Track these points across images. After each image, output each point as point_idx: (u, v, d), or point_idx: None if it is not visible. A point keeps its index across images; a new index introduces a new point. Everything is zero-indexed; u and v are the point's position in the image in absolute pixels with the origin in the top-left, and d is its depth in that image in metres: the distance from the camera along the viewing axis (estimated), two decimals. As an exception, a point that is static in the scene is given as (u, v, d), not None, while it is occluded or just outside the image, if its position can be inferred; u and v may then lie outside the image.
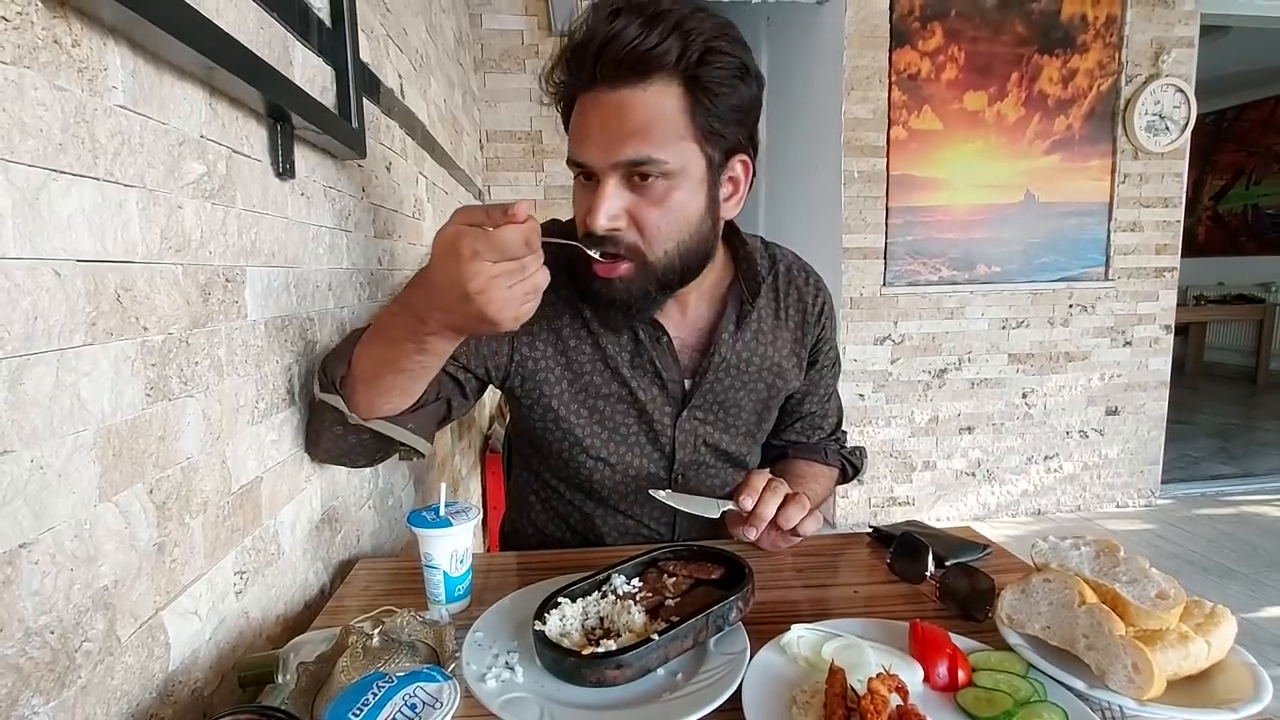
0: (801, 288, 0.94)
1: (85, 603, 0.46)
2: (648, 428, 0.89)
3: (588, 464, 0.90)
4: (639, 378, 0.85)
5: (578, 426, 0.88)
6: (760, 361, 0.90)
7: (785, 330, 0.91)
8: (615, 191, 0.72)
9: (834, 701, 0.53)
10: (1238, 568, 2.57)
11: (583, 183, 0.76)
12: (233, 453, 0.65)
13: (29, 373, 0.41)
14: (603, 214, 0.71)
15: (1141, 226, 3.07)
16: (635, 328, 0.83)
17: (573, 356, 0.86)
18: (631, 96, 0.69)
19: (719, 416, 0.90)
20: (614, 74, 0.68)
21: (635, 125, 0.69)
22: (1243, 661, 0.60)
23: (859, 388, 2.95)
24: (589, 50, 0.68)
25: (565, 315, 0.86)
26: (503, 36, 2.74)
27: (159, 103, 0.54)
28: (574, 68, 0.72)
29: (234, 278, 0.66)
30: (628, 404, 0.87)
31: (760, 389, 0.91)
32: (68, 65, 0.44)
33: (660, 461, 0.91)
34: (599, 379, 0.86)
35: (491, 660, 0.63)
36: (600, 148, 0.71)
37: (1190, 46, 2.99)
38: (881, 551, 0.89)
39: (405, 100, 1.43)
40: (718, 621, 0.64)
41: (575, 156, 0.74)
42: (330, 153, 0.92)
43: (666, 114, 0.70)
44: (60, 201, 0.44)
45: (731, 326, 0.87)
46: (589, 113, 0.72)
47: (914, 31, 2.79)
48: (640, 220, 0.73)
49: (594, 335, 0.85)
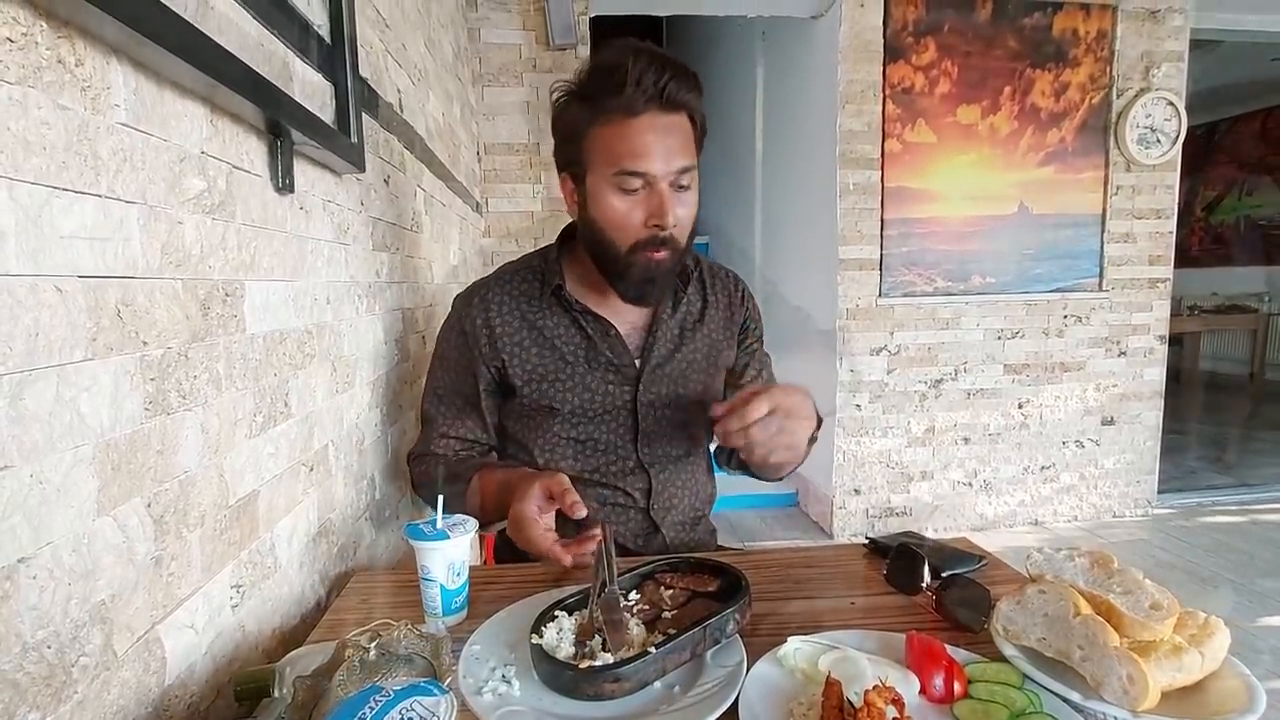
0: (723, 279, 1.11)
1: (82, 617, 0.46)
2: (612, 405, 1.01)
3: (563, 443, 1.01)
4: (597, 368, 1.00)
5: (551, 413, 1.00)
6: (696, 335, 1.05)
7: (715, 310, 1.08)
8: (671, 196, 0.89)
9: (830, 714, 0.53)
10: (1234, 577, 2.57)
11: (627, 191, 0.89)
12: (230, 466, 0.65)
13: (30, 388, 0.41)
14: (672, 215, 0.88)
15: (1134, 237, 3.10)
16: (586, 328, 0.99)
17: (546, 355, 1.00)
18: (679, 121, 0.89)
19: (669, 388, 1.03)
20: (669, 105, 0.87)
21: (680, 142, 0.89)
22: (1236, 673, 0.60)
23: (855, 398, 2.96)
24: (650, 87, 0.85)
25: (542, 324, 1.00)
26: (501, 50, 2.76)
27: (160, 120, 0.55)
28: (636, 99, 0.85)
29: (233, 292, 0.67)
30: (592, 391, 1.00)
31: (700, 360, 1.05)
32: (71, 84, 0.45)
33: (627, 436, 1.02)
34: (564, 373, 0.99)
35: (488, 674, 0.63)
36: (662, 160, 0.87)
37: (1180, 61, 3.03)
38: (878, 562, 0.90)
39: (404, 114, 1.44)
40: (715, 634, 0.64)
41: (634, 168, 0.87)
42: (329, 167, 0.93)
43: (689, 136, 0.91)
44: (62, 219, 0.44)
45: (669, 309, 1.03)
46: (645, 132, 0.87)
47: (908, 46, 2.82)
48: (681, 217, 0.91)
49: (558, 340, 1.00)
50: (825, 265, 2.99)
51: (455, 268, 2.06)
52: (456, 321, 1.02)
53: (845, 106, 2.81)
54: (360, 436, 1.07)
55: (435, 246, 1.75)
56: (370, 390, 1.13)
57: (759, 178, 3.87)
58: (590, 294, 1.00)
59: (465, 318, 1.01)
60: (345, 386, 1.00)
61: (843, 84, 2.80)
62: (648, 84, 0.85)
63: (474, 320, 1.00)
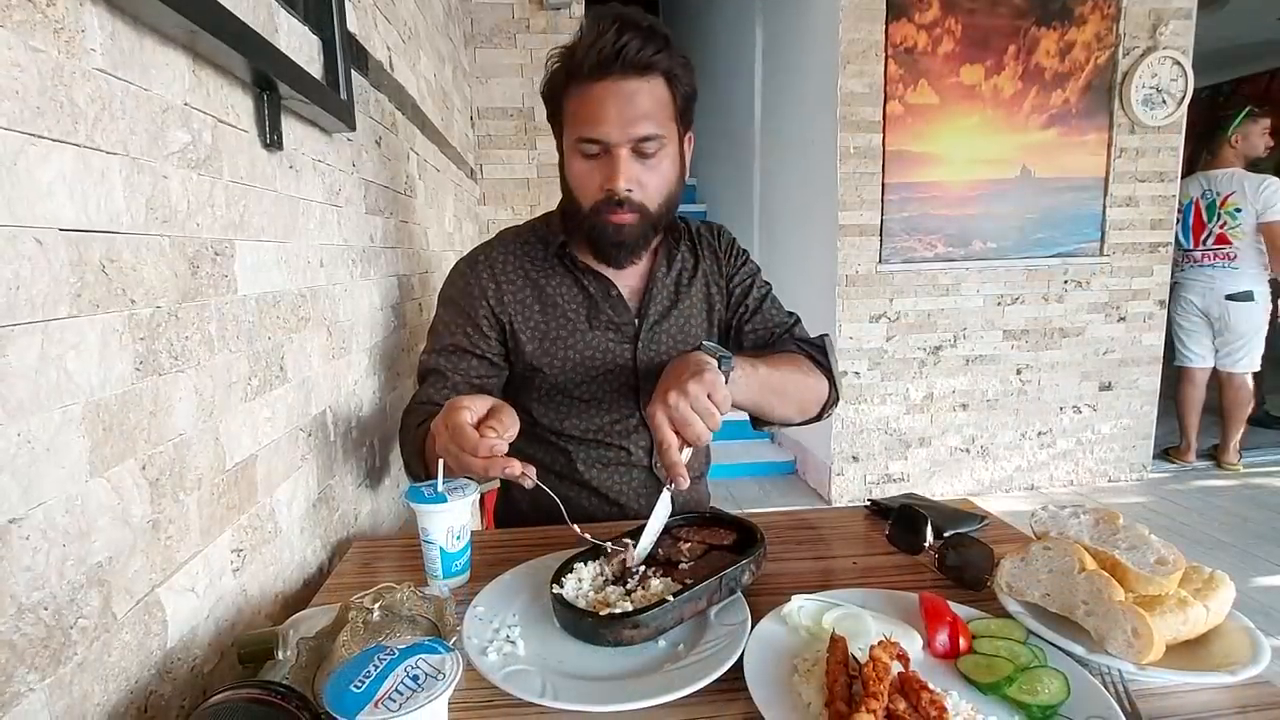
0: (708, 235, 1.11)
1: (79, 579, 0.45)
2: (614, 364, 1.01)
3: (566, 403, 1.01)
4: (600, 326, 1.00)
5: (555, 372, 0.99)
6: (691, 290, 1.06)
7: (704, 264, 1.08)
8: (630, 161, 0.88)
9: (836, 669, 0.53)
10: (1229, 539, 2.60)
11: (587, 156, 0.89)
12: (226, 429, 0.64)
13: (12, 344, 0.40)
14: (624, 179, 0.88)
15: (1137, 201, 3.06)
16: (588, 287, 1.00)
17: (549, 315, 0.99)
18: (641, 86, 0.87)
19: (668, 344, 1.03)
20: (629, 70, 0.85)
21: (644, 109, 0.87)
22: (1241, 626, 0.60)
23: (854, 365, 2.95)
24: (607, 50, 0.84)
25: (545, 283, 1.00)
26: (493, 10, 2.68)
27: (140, 67, 0.52)
28: (586, 63, 0.85)
29: (223, 251, 0.65)
30: (594, 349, 1.00)
31: (696, 315, 1.06)
32: (43, 25, 0.43)
33: (629, 394, 1.02)
34: (565, 330, 0.99)
35: (492, 634, 0.63)
36: (619, 126, 0.86)
37: (1188, 18, 2.96)
38: (880, 524, 0.90)
39: (394, 73, 1.40)
40: (730, 584, 0.66)
41: (591, 134, 0.87)
42: (319, 125, 0.90)
43: (660, 100, 0.89)
44: (39, 167, 0.42)
45: (664, 268, 1.05)
46: (604, 98, 0.86)
47: (910, 4, 2.75)
48: (644, 182, 0.90)
49: (561, 299, 1.00)
50: (825, 231, 2.95)
51: (450, 234, 2.03)
52: (460, 281, 1.01)
53: (846, 67, 2.75)
54: (359, 403, 1.06)
55: (430, 212, 1.72)
56: (367, 356, 1.12)
57: (758, 143, 3.81)
58: (591, 255, 0.99)
59: (471, 276, 1.00)
60: (342, 352, 0.99)
61: (844, 44, 2.73)
62: (604, 47, 0.84)
63: (480, 279, 0.99)
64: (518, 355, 1.00)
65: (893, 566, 0.80)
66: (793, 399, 0.96)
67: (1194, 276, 3.26)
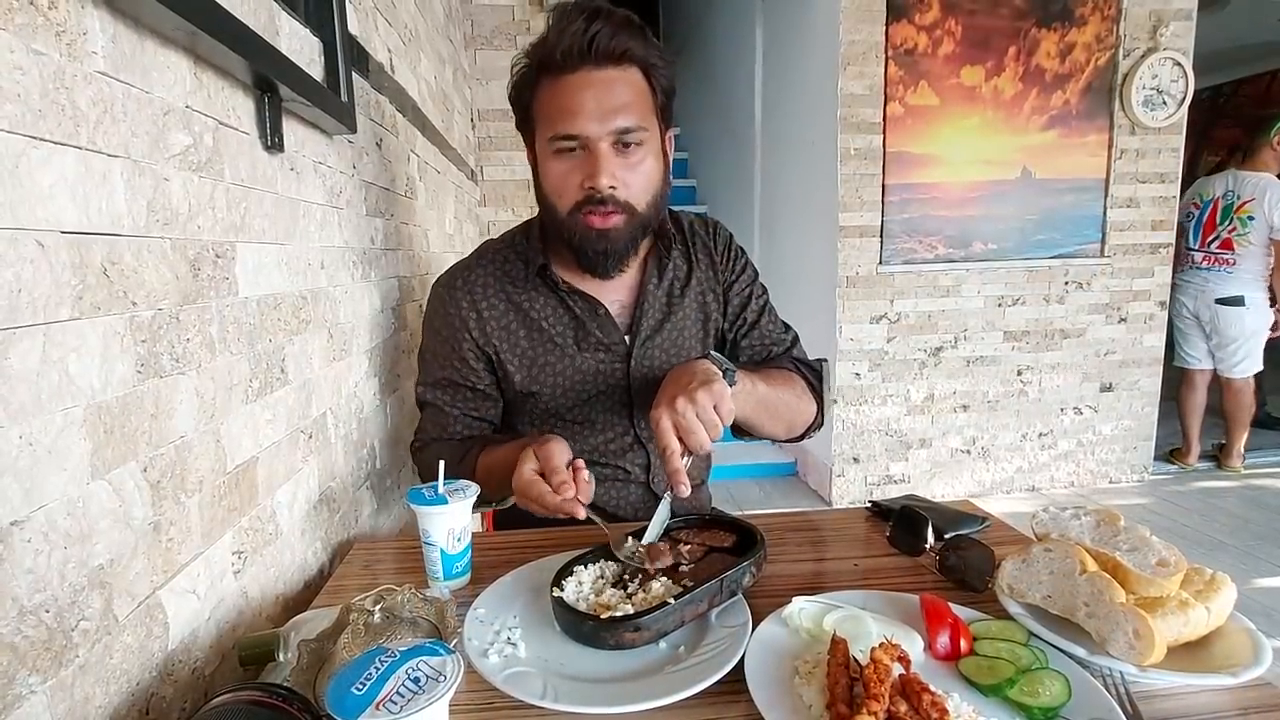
0: (702, 233, 1.05)
1: (80, 581, 0.45)
2: (606, 385, 0.97)
3: (558, 426, 0.98)
4: (589, 347, 0.96)
5: (546, 397, 0.96)
6: (685, 299, 1.00)
7: (700, 269, 1.02)
8: (611, 157, 0.83)
9: (837, 671, 0.53)
10: (1230, 541, 2.60)
11: (564, 154, 0.84)
12: (228, 432, 0.64)
13: (14, 347, 0.40)
14: (606, 175, 0.82)
15: (1138, 202, 3.06)
16: (574, 308, 0.94)
17: (535, 340, 0.95)
18: (618, 76, 0.82)
19: (662, 359, 0.98)
20: (603, 59, 0.81)
21: (622, 100, 0.82)
22: (1242, 627, 0.60)
23: (855, 366, 2.95)
24: (577, 39, 0.79)
25: (528, 306, 0.95)
26: (493, 12, 2.69)
27: (141, 70, 0.53)
28: (557, 54, 0.81)
29: (224, 253, 0.65)
30: (584, 372, 0.96)
31: (690, 325, 1.01)
32: (45, 28, 0.43)
33: (622, 413, 0.99)
34: (553, 355, 0.96)
35: (493, 636, 0.63)
36: (596, 119, 0.81)
37: (1189, 19, 2.96)
38: (880, 526, 0.89)
39: (395, 75, 1.40)
40: (732, 586, 0.65)
41: (566, 130, 0.82)
42: (320, 127, 0.90)
43: (639, 92, 0.84)
44: (41, 170, 0.42)
45: (655, 279, 0.98)
46: (578, 91, 0.81)
47: (911, 5, 2.75)
48: (628, 181, 0.85)
49: (546, 323, 0.95)
50: (825, 232, 2.95)
51: (451, 236, 2.03)
52: (441, 308, 0.96)
53: (846, 69, 2.75)
54: (359, 405, 1.06)
55: (430, 214, 1.72)
56: (368, 359, 1.12)
57: (758, 144, 3.81)
58: (574, 272, 0.94)
59: (450, 303, 0.95)
60: (342, 354, 0.99)
61: (844, 45, 2.74)
62: (574, 36, 0.79)
63: (459, 305, 0.94)
64: (507, 383, 0.97)
65: (894, 568, 0.80)
66: (783, 419, 0.95)
67: (1189, 278, 3.25)
